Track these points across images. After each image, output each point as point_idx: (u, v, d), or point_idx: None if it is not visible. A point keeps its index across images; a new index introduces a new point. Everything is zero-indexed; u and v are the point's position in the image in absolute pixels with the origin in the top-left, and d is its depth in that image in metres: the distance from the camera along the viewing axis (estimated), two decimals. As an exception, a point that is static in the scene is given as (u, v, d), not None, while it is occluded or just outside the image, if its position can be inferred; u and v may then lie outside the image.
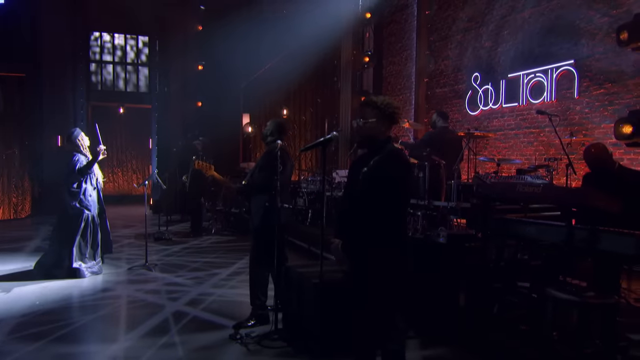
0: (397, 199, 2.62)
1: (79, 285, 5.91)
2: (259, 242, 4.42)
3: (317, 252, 7.38)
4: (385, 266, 2.63)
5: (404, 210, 2.81)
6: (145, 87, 15.47)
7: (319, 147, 2.83)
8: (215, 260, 7.34)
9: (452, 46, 9.92)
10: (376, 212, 2.59)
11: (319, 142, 2.81)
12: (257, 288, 4.46)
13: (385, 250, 2.62)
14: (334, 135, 2.79)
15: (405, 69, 11.20)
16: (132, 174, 16.80)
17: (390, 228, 2.62)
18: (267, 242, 4.27)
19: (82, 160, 6.27)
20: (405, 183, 2.67)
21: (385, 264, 2.63)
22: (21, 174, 12.80)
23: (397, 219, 2.65)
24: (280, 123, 4.70)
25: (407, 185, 2.69)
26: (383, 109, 2.72)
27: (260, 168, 4.40)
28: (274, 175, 4.17)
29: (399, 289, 2.70)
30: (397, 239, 2.66)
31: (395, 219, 2.64)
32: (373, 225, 2.60)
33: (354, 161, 3.11)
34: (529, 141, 8.10)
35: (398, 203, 2.64)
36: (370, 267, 2.63)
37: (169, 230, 9.52)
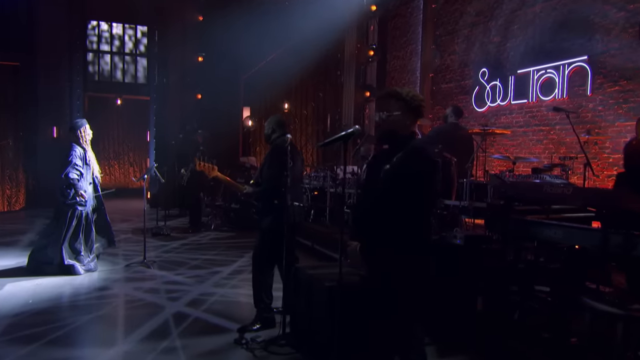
0: (423, 198, 2.41)
1: (73, 282, 5.69)
2: (266, 241, 4.20)
3: (322, 251, 7.20)
4: (409, 272, 2.42)
5: (429, 211, 2.59)
6: (144, 78, 15.15)
7: (339, 142, 2.60)
8: (216, 258, 7.12)
9: (459, 41, 9.70)
10: (400, 212, 2.38)
11: (340, 137, 2.59)
12: (262, 290, 4.25)
13: (409, 255, 2.41)
14: (356, 130, 2.56)
15: (410, 64, 10.98)
16: (129, 167, 16.52)
17: (414, 230, 2.41)
18: (275, 242, 4.06)
19: (79, 154, 6.00)
20: (431, 181, 2.45)
21: (409, 270, 2.42)
22: (15, 166, 12.53)
23: (422, 221, 2.44)
24: (279, 118, 4.50)
25: (433, 184, 2.47)
26: (409, 102, 2.50)
27: (268, 165, 4.18)
28: (283, 171, 3.95)
29: (422, 297, 2.50)
30: (422, 243, 2.45)
31: (421, 221, 2.43)
32: (396, 227, 2.39)
33: (372, 157, 2.89)
34: (538, 139, 7.90)
35: (424, 203, 2.42)
36: (393, 274, 2.43)
37: (167, 225, 9.29)
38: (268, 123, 4.39)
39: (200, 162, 4.23)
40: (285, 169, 3.97)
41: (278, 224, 3.98)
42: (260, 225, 4.25)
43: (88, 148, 6.18)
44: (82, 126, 6.12)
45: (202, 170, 4.25)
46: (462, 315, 3.69)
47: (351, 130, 2.57)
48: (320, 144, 2.69)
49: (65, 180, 5.84)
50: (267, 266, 4.31)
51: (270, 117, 4.55)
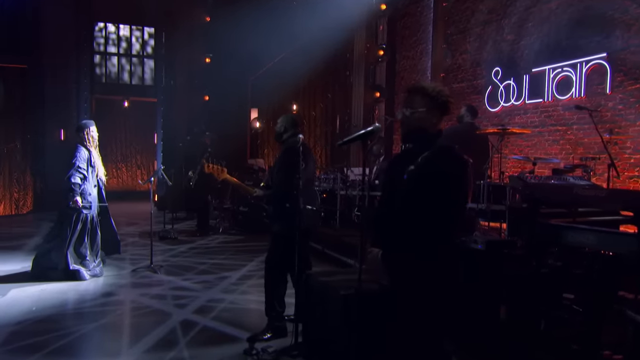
0: (452, 201, 2.22)
1: (78, 288, 5.54)
2: (278, 247, 4.02)
3: (333, 255, 7.02)
4: (436, 283, 2.23)
5: (459, 215, 2.39)
6: (151, 80, 15.05)
7: (359, 140, 2.42)
8: (224, 262, 6.96)
9: (470, 39, 9.49)
10: (427, 216, 2.19)
11: (360, 135, 2.40)
12: (274, 297, 4.07)
13: (436, 262, 2.23)
14: (377, 128, 2.38)
15: (420, 64, 10.77)
16: (136, 170, 16.42)
17: (442, 235, 2.23)
18: (287, 247, 3.88)
19: (83, 156, 5.87)
20: (461, 183, 2.26)
21: (437, 280, 2.23)
22: (23, 169, 12.46)
23: (451, 225, 2.25)
24: (293, 117, 4.34)
25: (463, 186, 2.28)
26: (435, 97, 2.32)
27: (279, 167, 4.00)
28: (295, 173, 3.77)
29: (451, 307, 2.31)
30: (450, 250, 2.26)
31: (449, 225, 2.24)
32: (423, 232, 2.20)
33: (394, 158, 2.71)
34: (554, 139, 7.67)
35: (453, 206, 2.23)
36: (419, 282, 2.24)
37: (174, 228, 9.14)
38: (280, 121, 4.22)
39: (209, 164, 4.06)
40: (297, 171, 3.79)
41: (290, 229, 3.80)
42: (272, 230, 4.07)
43: (93, 149, 6.03)
44: (88, 127, 5.98)
45: (211, 173, 4.08)
46: (485, 325, 3.49)
47: (371, 128, 2.39)
48: (340, 142, 2.51)
49: (67, 183, 5.70)
50: (280, 273, 4.14)
51: (283, 115, 4.38)
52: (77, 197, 5.72)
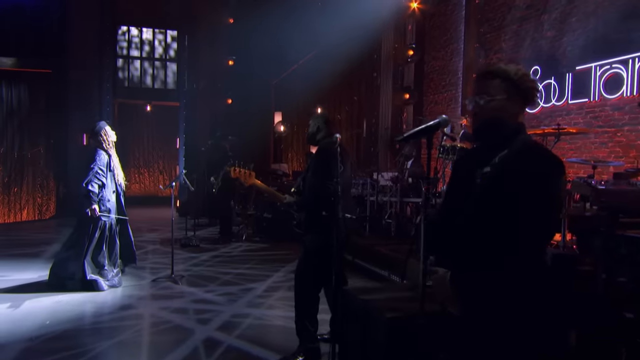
0: (546, 209, 1.77)
1: (95, 300, 5.24)
2: (310, 260, 3.62)
3: (365, 266, 6.57)
4: (532, 313, 1.79)
5: (555, 228, 1.92)
6: (173, 83, 14.88)
7: (422, 135, 2.00)
8: (249, 272, 6.59)
9: (506, 37, 8.98)
10: (517, 229, 1.75)
11: (425, 128, 1.98)
12: (305, 316, 3.66)
13: (532, 290, 1.78)
14: (443, 120, 1.95)
15: (451, 64, 10.30)
16: (158, 175, 16.26)
17: (535, 251, 1.79)
18: (321, 260, 3.47)
19: (103, 160, 5.59)
20: (558, 186, 1.81)
21: (533, 310, 1.79)
22: (46, 174, 12.38)
23: (544, 239, 1.81)
24: (325, 115, 3.96)
25: (560, 190, 1.83)
26: (517, 82, 1.89)
27: (314, 170, 3.60)
28: (333, 177, 3.37)
29: (551, 339, 1.86)
30: (545, 271, 1.82)
31: (544, 238, 1.79)
32: (511, 249, 1.76)
33: (460, 158, 2.28)
34: (601, 142, 7.11)
35: (548, 216, 1.79)
36: (510, 309, 1.78)
37: (196, 235, 8.84)
38: (313, 121, 3.84)
39: (235, 168, 3.68)
40: (334, 175, 3.39)
41: (326, 241, 3.39)
42: (304, 241, 3.67)
43: (112, 152, 5.75)
44: (104, 128, 5.70)
45: (238, 178, 3.70)
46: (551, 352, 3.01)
47: (437, 120, 1.97)
48: (400, 137, 2.08)
49: (84, 189, 5.41)
50: (312, 289, 3.73)
51: (315, 114, 3.99)
52: (95, 206, 5.43)
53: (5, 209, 11.87)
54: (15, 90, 11.96)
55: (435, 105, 10.70)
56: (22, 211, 12.02)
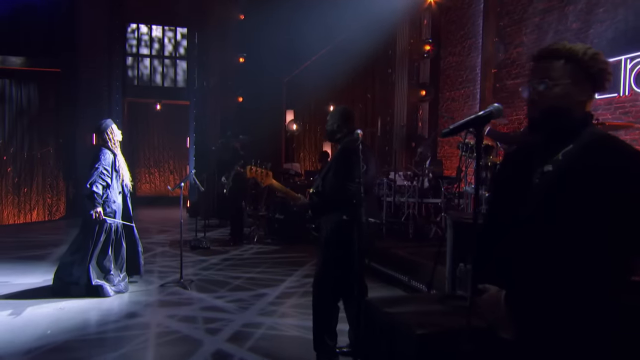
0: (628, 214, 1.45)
1: (100, 307, 4.99)
2: (329, 268, 3.32)
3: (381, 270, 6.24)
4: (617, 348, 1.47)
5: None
6: (183, 81, 14.66)
7: (470, 127, 1.69)
8: (260, 277, 6.32)
9: (527, 31, 8.60)
10: (602, 241, 1.43)
11: (473, 120, 1.66)
12: (324, 329, 3.37)
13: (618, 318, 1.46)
14: (496, 109, 1.64)
15: (469, 60, 9.94)
16: (169, 175, 16.07)
17: (625, 274, 1.47)
18: (340, 268, 3.19)
19: (108, 160, 5.34)
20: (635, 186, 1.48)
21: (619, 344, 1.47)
22: (56, 174, 12.25)
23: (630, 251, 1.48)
24: (345, 110, 3.62)
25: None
26: (586, 64, 1.57)
27: (335, 170, 3.30)
28: (355, 178, 3.08)
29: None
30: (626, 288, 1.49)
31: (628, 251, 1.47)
32: (595, 266, 1.43)
33: (510, 155, 1.96)
34: (632, 139, 6.72)
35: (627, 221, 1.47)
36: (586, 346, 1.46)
37: (206, 237, 8.59)
38: (331, 116, 3.53)
39: (252, 167, 3.37)
40: (356, 175, 3.09)
41: (347, 248, 3.11)
42: (322, 247, 3.37)
43: (118, 152, 5.51)
44: (110, 126, 5.46)
45: (254, 178, 3.39)
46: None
47: (489, 110, 1.65)
48: (446, 130, 1.76)
49: (88, 190, 5.18)
50: (331, 300, 3.44)
51: (334, 108, 3.68)
52: (99, 208, 5.19)
53: (15, 209, 11.76)
54: (25, 90, 11.85)
55: (451, 102, 10.35)
56: (32, 212, 11.91)
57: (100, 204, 5.22)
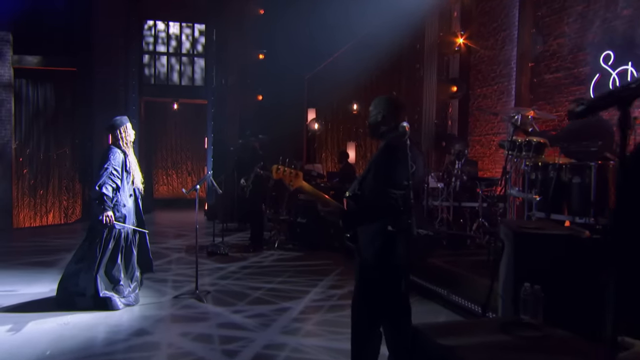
0: None
1: (108, 321, 4.55)
2: (370, 287, 2.79)
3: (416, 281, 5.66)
4: None
5: None
6: (201, 80, 14.26)
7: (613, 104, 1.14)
8: (282, 287, 5.82)
9: (569, 20, 7.93)
10: None
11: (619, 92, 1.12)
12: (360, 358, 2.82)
13: None
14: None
15: (503, 53, 9.29)
16: (187, 176, 15.72)
17: None
18: (384, 288, 2.65)
19: (118, 160, 4.90)
20: None
21: None
22: (72, 176, 11.97)
23: None
24: (393, 98, 3.11)
25: None
26: None
27: (376, 172, 2.76)
28: (401, 180, 2.58)
29: None
30: None
31: None
32: None
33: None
34: None
35: None
36: None
37: (224, 242, 8.12)
38: (375, 106, 2.96)
39: (279, 167, 2.85)
40: (403, 177, 2.58)
41: (391, 264, 2.60)
42: (362, 261, 2.83)
43: (129, 151, 5.06)
44: (124, 124, 5.02)
45: (281, 179, 2.86)
46: None
47: None
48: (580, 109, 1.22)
49: (96, 192, 4.74)
50: (372, 322, 2.89)
51: (376, 98, 3.07)
52: (109, 212, 4.74)
53: (31, 212, 11.51)
54: (41, 90, 11.62)
55: (483, 99, 9.72)
56: (47, 214, 11.65)
57: (110, 207, 4.79)
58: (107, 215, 4.76)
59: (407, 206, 2.60)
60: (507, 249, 3.99)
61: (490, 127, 9.42)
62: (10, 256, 7.54)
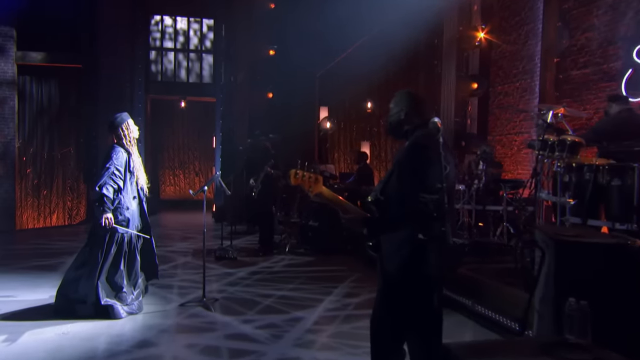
0: None
1: (110, 331, 4.24)
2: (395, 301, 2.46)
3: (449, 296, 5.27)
4: None
5: None
6: (209, 77, 13.93)
7: None
8: (294, 295, 5.48)
9: (599, 12, 7.50)
10: None
11: None
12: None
13: None
14: None
15: (526, 48, 8.88)
16: (194, 177, 15.43)
17: None
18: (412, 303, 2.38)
19: (121, 159, 4.59)
20: None
21: None
22: (77, 175, 11.72)
23: None
24: (415, 94, 2.76)
25: None
26: None
27: (402, 174, 2.44)
28: (434, 183, 2.26)
29: None
30: None
31: None
32: None
33: None
34: None
35: None
36: None
37: (233, 245, 7.79)
38: (396, 103, 2.65)
39: (297, 171, 2.51)
40: (436, 180, 2.26)
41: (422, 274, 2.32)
42: (385, 271, 2.50)
43: (134, 150, 4.75)
44: (124, 121, 4.73)
45: (300, 185, 2.52)
46: None
47: None
48: None
49: (97, 193, 4.43)
50: (390, 342, 2.56)
51: (397, 94, 2.76)
52: (109, 214, 4.43)
53: (35, 213, 11.27)
54: (45, 87, 11.38)
55: (504, 96, 9.31)
56: (51, 215, 11.40)
57: (110, 209, 4.48)
58: (107, 218, 4.44)
59: (441, 212, 2.29)
60: (548, 258, 3.60)
61: (512, 126, 9.02)
62: (10, 259, 7.27)
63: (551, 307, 3.56)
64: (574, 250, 3.50)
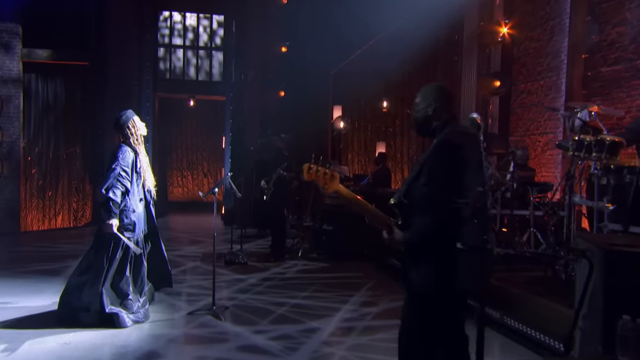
0: None
1: (114, 341, 3.96)
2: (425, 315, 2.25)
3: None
4: None
5: None
6: (219, 75, 13.64)
7: None
8: (309, 303, 5.16)
9: (631, 6, 7.12)
10: None
11: None
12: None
13: None
14: None
15: (551, 44, 8.50)
16: (203, 178, 15.17)
17: None
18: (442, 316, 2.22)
19: (128, 160, 4.31)
20: None
21: None
22: (82, 176, 11.46)
23: None
24: (444, 87, 2.56)
25: None
26: None
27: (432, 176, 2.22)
28: (471, 186, 2.10)
29: None
30: None
31: None
32: None
33: None
34: None
35: None
36: None
37: (243, 249, 7.49)
38: (423, 98, 2.44)
39: (311, 165, 2.26)
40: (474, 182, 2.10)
41: (459, 287, 2.18)
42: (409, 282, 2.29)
43: (141, 149, 4.47)
44: (130, 119, 4.46)
45: (314, 181, 2.28)
46: None
47: None
48: None
49: (103, 196, 4.14)
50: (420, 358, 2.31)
51: (424, 88, 2.52)
52: (115, 219, 4.14)
53: (39, 214, 11.02)
54: (51, 85, 11.13)
55: (527, 95, 8.94)
56: (56, 217, 11.15)
57: (116, 214, 4.20)
58: (110, 224, 4.15)
59: (482, 218, 2.08)
60: (597, 270, 3.24)
61: (536, 126, 8.64)
62: (13, 263, 7.03)
63: (599, 324, 3.22)
64: (627, 262, 3.15)
